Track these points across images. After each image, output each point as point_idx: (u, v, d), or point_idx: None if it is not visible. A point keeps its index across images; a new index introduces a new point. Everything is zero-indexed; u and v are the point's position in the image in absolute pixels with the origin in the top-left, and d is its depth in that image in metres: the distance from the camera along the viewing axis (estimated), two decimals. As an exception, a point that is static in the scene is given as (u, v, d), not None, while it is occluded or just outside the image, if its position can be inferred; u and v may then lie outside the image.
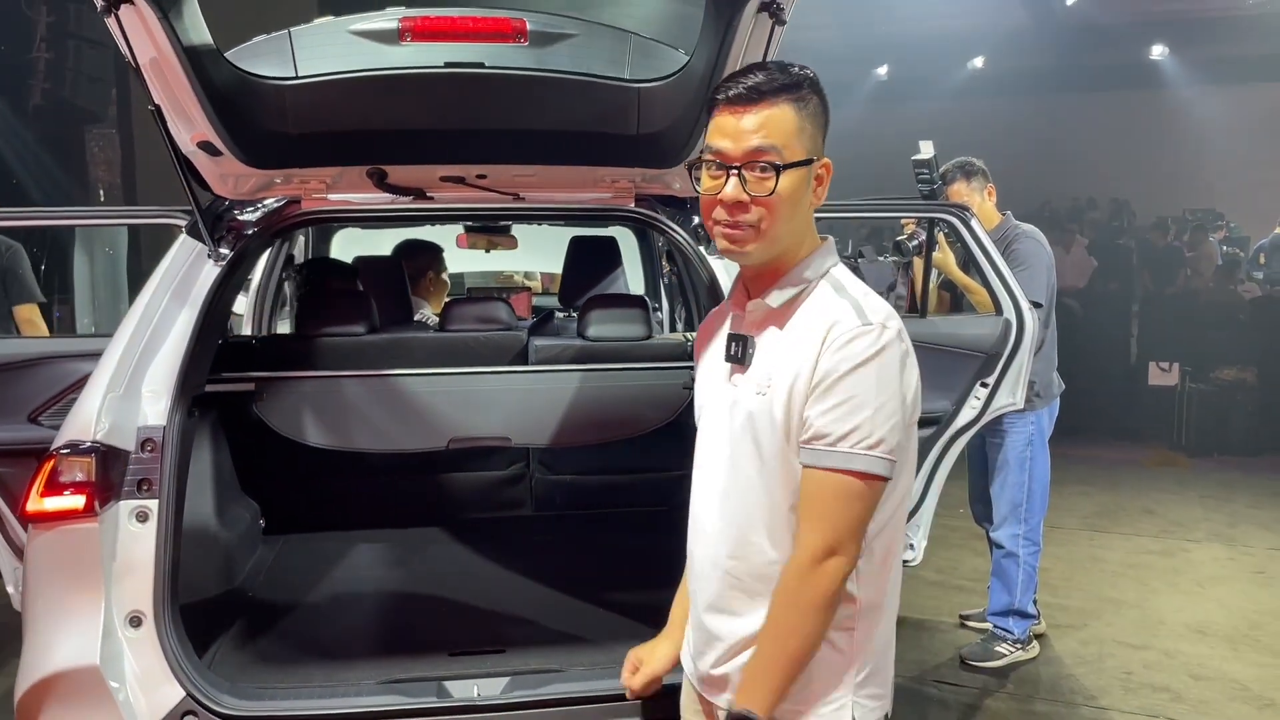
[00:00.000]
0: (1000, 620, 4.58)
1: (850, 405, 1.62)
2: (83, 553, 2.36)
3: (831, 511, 1.64)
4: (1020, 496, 4.52)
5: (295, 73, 2.66)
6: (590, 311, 3.36)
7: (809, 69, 1.76)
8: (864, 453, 1.61)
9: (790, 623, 1.66)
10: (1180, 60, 17.22)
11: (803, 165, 1.70)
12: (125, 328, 2.64)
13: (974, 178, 4.69)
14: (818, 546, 1.63)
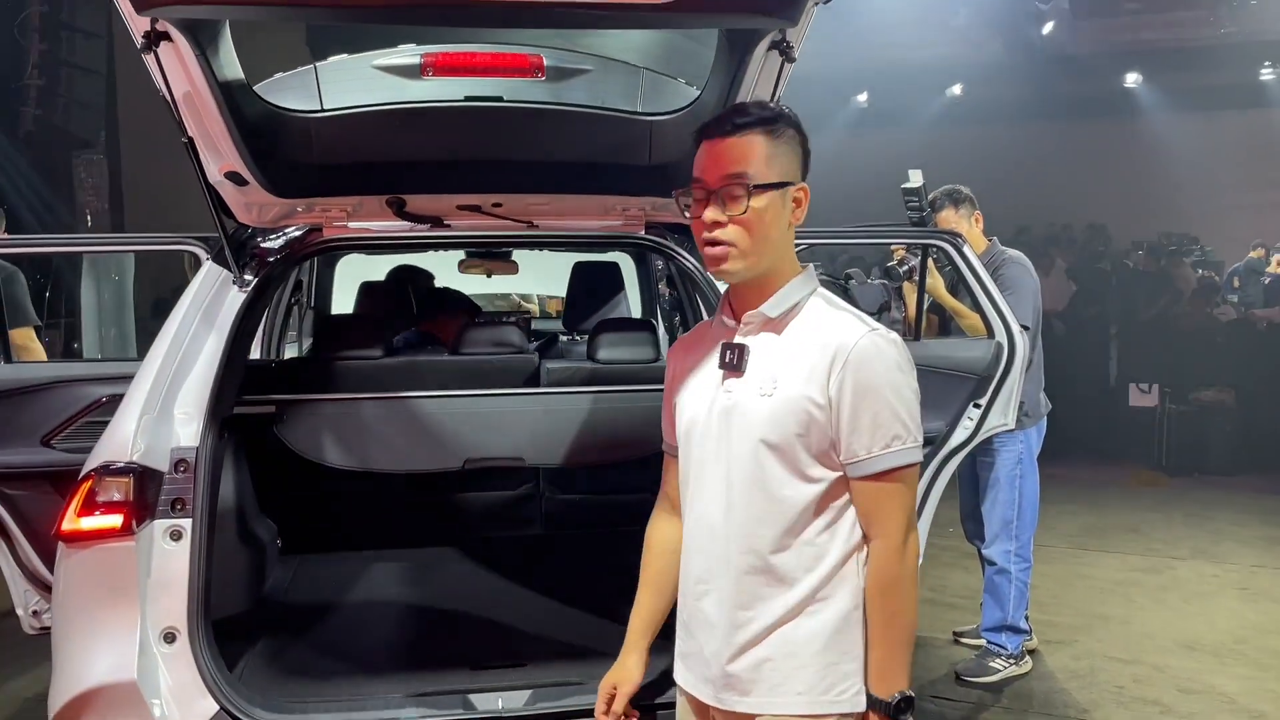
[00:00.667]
0: (994, 636, 4.67)
1: (889, 412, 1.81)
2: (119, 571, 2.43)
3: (896, 505, 1.84)
4: (1011, 514, 4.62)
5: (321, 106, 2.76)
6: (600, 335, 3.46)
7: (788, 108, 1.95)
8: (906, 448, 1.83)
9: (899, 603, 1.86)
10: (1154, 88, 17.52)
11: (774, 187, 1.87)
12: (156, 351, 2.71)
13: (962, 205, 4.81)
14: (899, 533, 1.84)
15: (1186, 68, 16.69)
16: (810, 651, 1.86)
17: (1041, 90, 17.75)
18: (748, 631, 1.89)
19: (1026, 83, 17.63)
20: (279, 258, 3.01)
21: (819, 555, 1.87)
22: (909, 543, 1.85)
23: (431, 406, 3.25)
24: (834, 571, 1.88)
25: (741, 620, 1.90)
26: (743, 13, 2.10)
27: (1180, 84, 17.11)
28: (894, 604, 1.85)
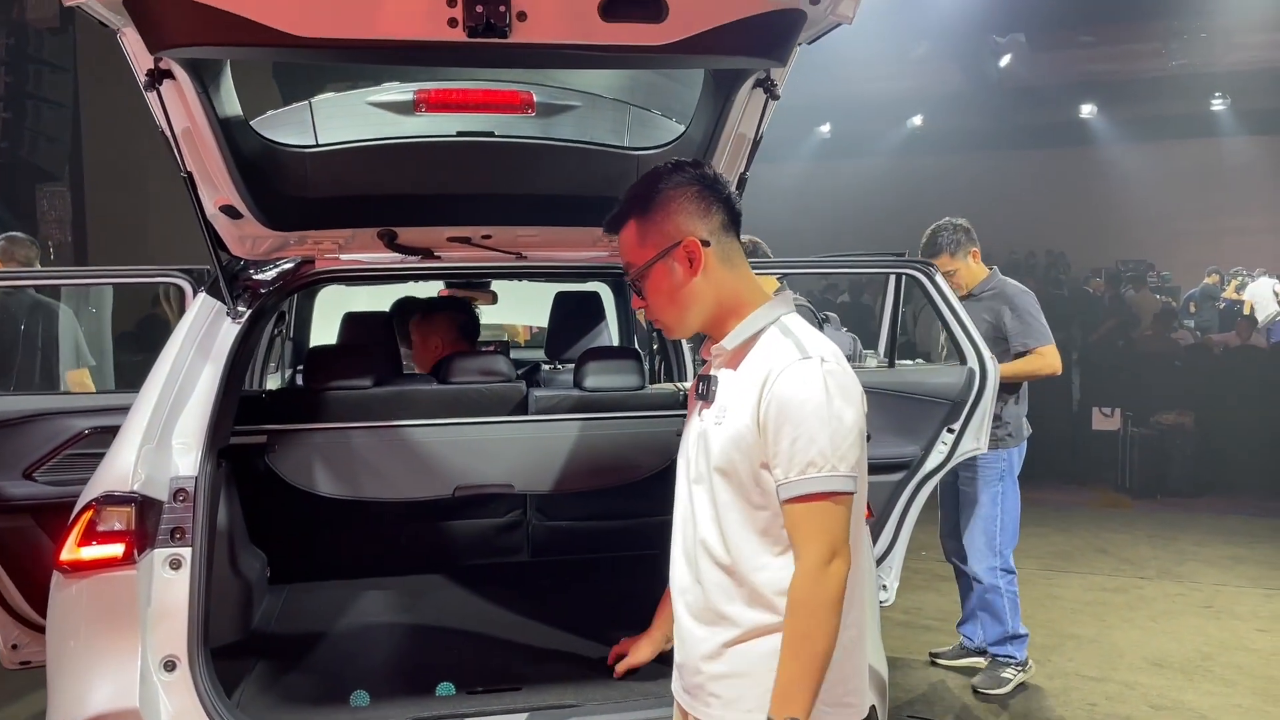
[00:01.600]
0: (999, 649, 4.81)
1: (807, 438, 1.83)
2: (121, 599, 2.45)
3: (811, 530, 1.84)
4: (994, 529, 4.75)
5: (316, 141, 2.82)
6: (587, 363, 3.52)
7: (648, 181, 2.03)
8: (822, 476, 1.83)
9: (810, 627, 1.83)
10: (1109, 119, 17.96)
11: (654, 263, 1.98)
12: (154, 382, 2.74)
13: (957, 252, 4.86)
14: (819, 555, 1.83)
15: (1140, 99, 17.13)
16: (764, 670, 1.88)
17: (1000, 121, 18.14)
18: (709, 645, 1.98)
19: (985, 113, 18.02)
20: (272, 289, 3.05)
21: (775, 578, 1.91)
22: (830, 569, 1.83)
23: (422, 435, 3.29)
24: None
25: (705, 635, 1.99)
26: (736, 54, 2.18)
27: (1134, 114, 17.56)
28: (801, 626, 1.84)
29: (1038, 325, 4.71)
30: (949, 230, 4.88)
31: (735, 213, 2.03)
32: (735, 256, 2.02)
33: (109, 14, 2.07)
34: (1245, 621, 5.76)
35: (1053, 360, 4.73)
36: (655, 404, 3.52)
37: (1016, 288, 4.84)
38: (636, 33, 2.02)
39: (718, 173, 2.05)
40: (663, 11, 2.01)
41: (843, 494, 1.84)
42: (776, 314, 2.00)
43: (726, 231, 2.01)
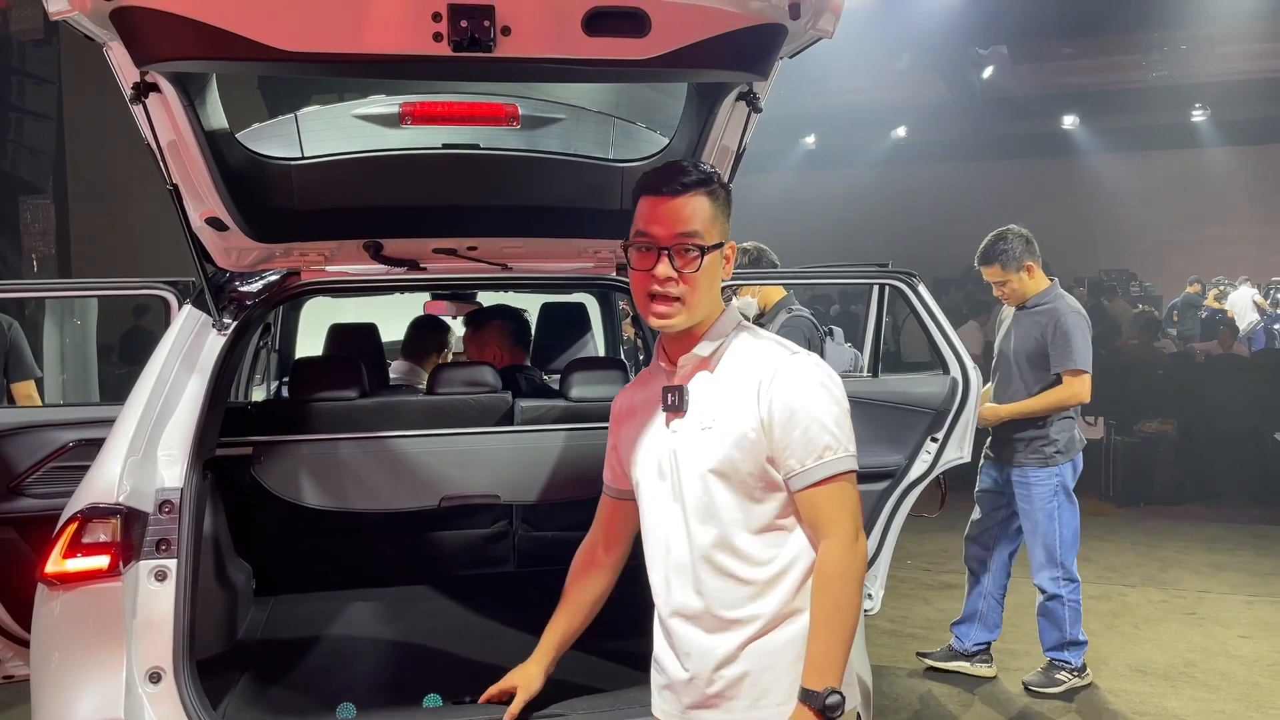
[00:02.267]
0: (1057, 654, 4.86)
1: (818, 426, 1.94)
2: (105, 612, 2.45)
3: (840, 506, 1.95)
4: (1054, 543, 4.77)
5: (301, 153, 2.83)
6: (573, 374, 3.53)
7: (715, 168, 2.10)
8: (839, 457, 1.95)
9: (841, 599, 1.93)
10: (1091, 129, 18.09)
11: (717, 248, 2.02)
12: (139, 394, 2.74)
13: (1009, 265, 4.81)
14: (846, 533, 1.94)
15: (1121, 110, 17.27)
16: (786, 662, 1.97)
17: (982, 132, 18.27)
18: (725, 649, 2.00)
19: (968, 124, 18.15)
20: (258, 301, 3.06)
21: (782, 571, 1.99)
22: (857, 544, 1.95)
23: (408, 446, 3.30)
24: (800, 584, 2.00)
25: (717, 642, 2.01)
26: (718, 68, 2.21)
27: (1115, 125, 17.70)
28: (832, 599, 1.93)
29: (1075, 349, 4.66)
30: (1006, 241, 4.83)
31: None
32: None
33: (95, 28, 2.08)
34: (1228, 628, 5.80)
35: (1079, 390, 4.68)
36: None
37: (1069, 306, 4.77)
38: (620, 47, 2.04)
39: None
40: (646, 26, 2.04)
41: (855, 472, 1.97)
42: (736, 320, 2.09)
43: None
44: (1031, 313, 4.80)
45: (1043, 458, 4.75)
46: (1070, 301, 4.82)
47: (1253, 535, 8.04)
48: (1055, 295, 4.82)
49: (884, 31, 13.04)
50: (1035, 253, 4.83)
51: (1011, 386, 4.85)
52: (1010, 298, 4.90)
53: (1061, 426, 4.76)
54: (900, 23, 13.16)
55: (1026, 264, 4.79)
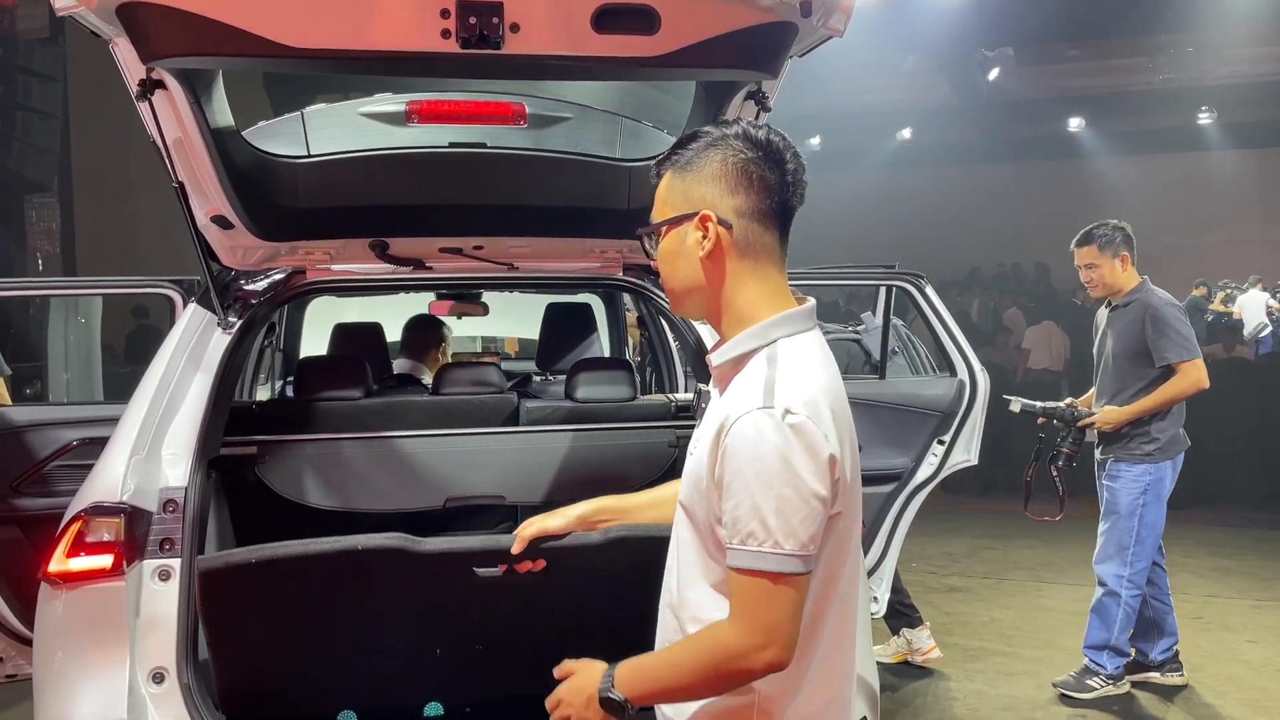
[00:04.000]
0: (1095, 654, 4.72)
1: (751, 504, 1.54)
2: (109, 611, 2.43)
3: (750, 609, 1.56)
4: (1128, 540, 4.64)
5: (307, 151, 2.82)
6: (579, 374, 3.52)
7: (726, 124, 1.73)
8: (760, 551, 1.53)
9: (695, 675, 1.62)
10: (1097, 132, 18.03)
11: (670, 223, 1.70)
12: (144, 392, 2.73)
13: (1106, 248, 4.67)
14: (745, 638, 1.56)
15: (1127, 112, 17.23)
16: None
17: (988, 134, 18.23)
18: None
19: (974, 127, 18.11)
20: (263, 300, 3.05)
21: None
22: (751, 658, 1.56)
23: (413, 446, 3.28)
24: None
25: None
26: (728, 67, 2.20)
27: (1121, 128, 17.64)
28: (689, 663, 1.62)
29: (1179, 338, 4.52)
30: (1108, 226, 4.70)
31: (784, 200, 1.69)
32: (763, 252, 1.68)
33: (101, 24, 2.07)
34: (1235, 633, 5.78)
35: (1195, 376, 4.55)
36: (647, 415, 3.52)
37: (1161, 298, 4.63)
38: (629, 44, 2.03)
39: (789, 152, 1.70)
40: (655, 24, 2.03)
41: (784, 575, 1.53)
42: (773, 336, 1.66)
43: (762, 220, 1.67)
44: (1124, 310, 4.66)
45: (1140, 454, 4.63)
46: (1162, 294, 4.68)
47: (1258, 540, 8.02)
48: (1146, 290, 4.67)
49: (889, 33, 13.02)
50: (1133, 248, 4.70)
51: (1116, 387, 4.70)
52: (1096, 286, 4.74)
53: (1165, 424, 4.64)
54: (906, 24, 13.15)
55: (1123, 253, 4.65)
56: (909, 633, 5.15)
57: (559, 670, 1.83)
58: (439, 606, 2.55)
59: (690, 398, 3.73)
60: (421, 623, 2.61)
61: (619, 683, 1.68)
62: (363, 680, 2.69)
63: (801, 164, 1.70)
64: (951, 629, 5.79)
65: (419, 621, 2.61)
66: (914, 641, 5.14)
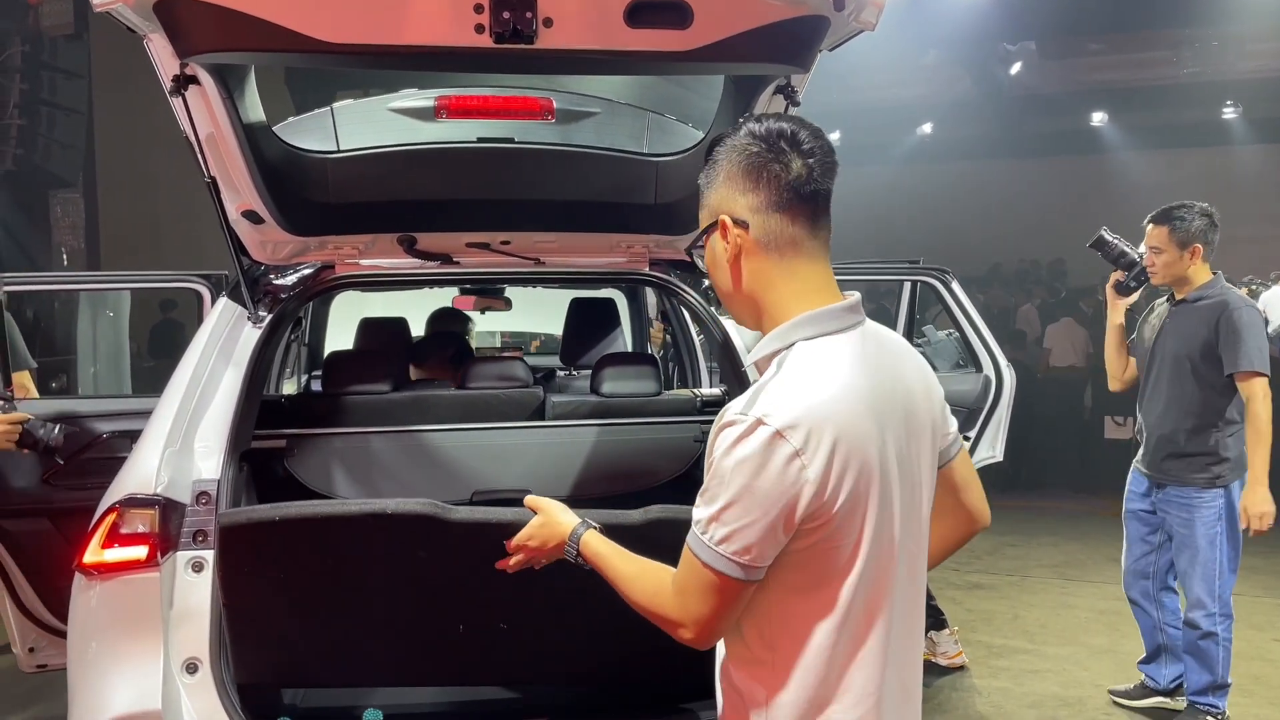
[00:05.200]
0: (1201, 699, 4.32)
1: (710, 494, 1.53)
2: (143, 602, 2.46)
3: (685, 589, 1.58)
4: (1213, 574, 4.21)
5: (337, 147, 2.84)
6: (604, 369, 3.52)
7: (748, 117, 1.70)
8: (714, 546, 1.52)
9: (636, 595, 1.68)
10: (1119, 127, 17.89)
11: (703, 234, 1.68)
12: (176, 386, 2.76)
13: (1178, 231, 4.24)
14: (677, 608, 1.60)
15: (1151, 107, 17.09)
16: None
17: (1010, 128, 18.11)
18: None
19: (995, 121, 18.00)
20: (293, 294, 3.07)
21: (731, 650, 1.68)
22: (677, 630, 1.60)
23: (440, 440, 3.30)
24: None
25: None
26: (759, 60, 2.20)
27: (1145, 122, 17.50)
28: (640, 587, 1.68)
29: (1248, 348, 4.06)
30: (1190, 209, 4.26)
31: (798, 188, 1.60)
32: (789, 246, 1.61)
33: (138, 19, 2.09)
34: (1262, 631, 5.73)
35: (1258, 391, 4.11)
36: (672, 410, 3.53)
37: (1239, 299, 4.18)
38: (661, 39, 2.03)
39: (805, 132, 1.62)
40: (688, 18, 2.03)
41: (717, 571, 1.52)
42: (791, 339, 1.60)
43: (780, 211, 1.60)
44: (1195, 307, 4.20)
45: (1211, 476, 4.16)
46: (1238, 294, 4.23)
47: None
48: (1221, 288, 4.23)
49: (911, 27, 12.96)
50: (1209, 239, 4.24)
51: (1174, 393, 4.25)
52: (1159, 272, 4.27)
53: (1233, 440, 4.19)
54: (927, 18, 13.07)
55: (1195, 245, 4.20)
56: (935, 635, 5.12)
57: (527, 501, 1.97)
58: (465, 580, 2.54)
59: (716, 393, 3.73)
60: (446, 596, 2.61)
61: (585, 555, 1.82)
62: (382, 656, 2.69)
63: (821, 144, 1.62)
64: (975, 626, 5.77)
65: (443, 595, 2.61)
66: (940, 644, 5.11)
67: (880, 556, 1.58)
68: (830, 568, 1.55)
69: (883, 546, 1.58)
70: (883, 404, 1.58)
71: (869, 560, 1.56)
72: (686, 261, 3.36)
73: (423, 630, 2.68)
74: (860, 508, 1.54)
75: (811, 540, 1.53)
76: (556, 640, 2.74)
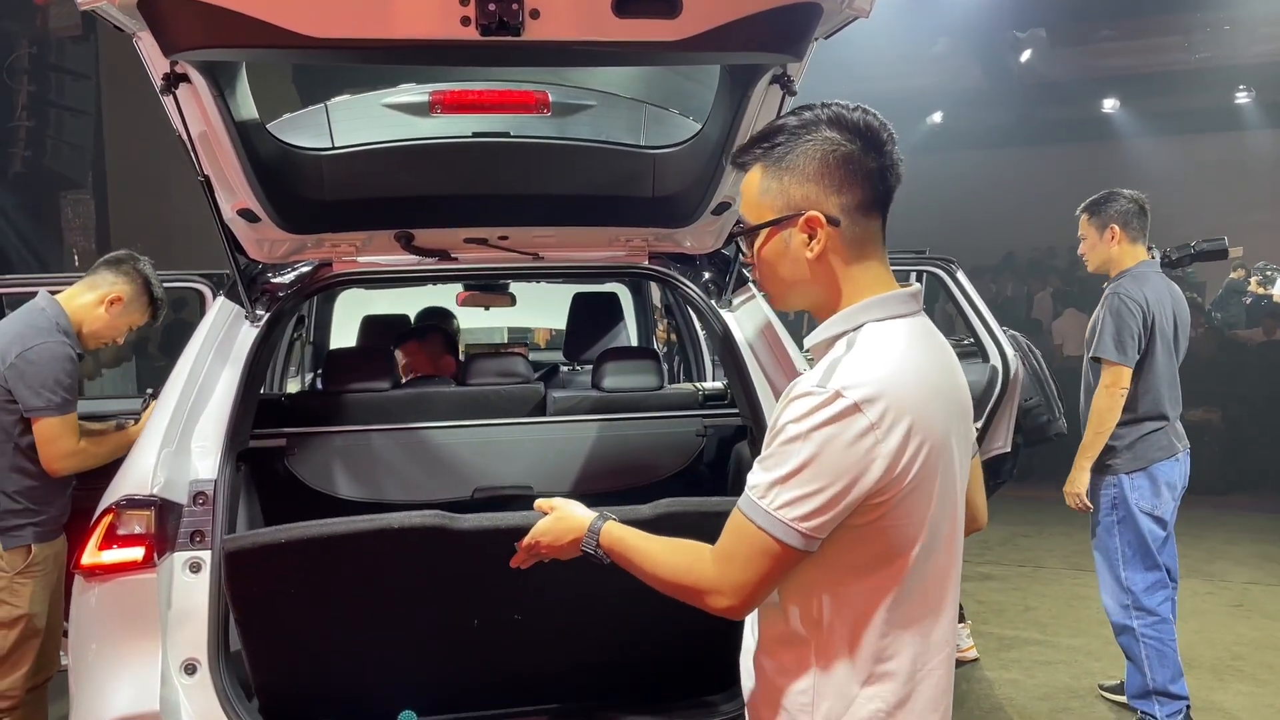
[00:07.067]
0: (1141, 704, 4.20)
1: (773, 460, 1.52)
2: (140, 603, 2.46)
3: (732, 555, 1.57)
4: (1116, 561, 4.20)
5: (332, 143, 2.83)
6: (605, 364, 3.50)
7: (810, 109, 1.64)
8: (773, 511, 1.51)
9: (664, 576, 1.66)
10: (1131, 113, 17.77)
11: (769, 226, 1.63)
12: (174, 386, 2.75)
13: (1096, 215, 4.23)
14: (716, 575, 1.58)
15: (1163, 93, 16.95)
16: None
17: (1021, 117, 18.00)
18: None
19: (1006, 109, 17.88)
20: (290, 292, 3.06)
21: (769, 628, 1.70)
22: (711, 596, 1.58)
23: (441, 437, 3.29)
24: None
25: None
26: (751, 50, 2.17)
27: (1157, 109, 17.37)
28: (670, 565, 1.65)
29: (1104, 334, 4.03)
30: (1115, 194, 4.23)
31: (887, 187, 1.63)
32: (868, 242, 1.62)
33: (123, 18, 2.08)
34: (1277, 620, 5.68)
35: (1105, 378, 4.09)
36: (674, 404, 3.50)
37: (1130, 286, 4.05)
38: (650, 29, 2.01)
39: (885, 131, 1.63)
40: (676, 7, 2.00)
41: (780, 543, 1.51)
42: (860, 320, 1.60)
43: (867, 211, 1.61)
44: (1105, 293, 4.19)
45: (1101, 464, 4.19)
46: (1158, 281, 4.12)
47: (1300, 525, 7.89)
48: (1134, 274, 4.11)
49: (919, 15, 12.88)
50: (1131, 223, 4.15)
51: (1086, 379, 4.32)
52: (1088, 257, 4.29)
53: (1133, 428, 4.15)
54: (935, 6, 13.00)
55: (1111, 226, 4.14)
56: None
57: (538, 504, 1.93)
58: (480, 586, 2.54)
59: (719, 386, 3.71)
60: (459, 603, 2.60)
61: (605, 545, 1.76)
62: (401, 667, 2.69)
63: (896, 142, 1.64)
64: (986, 617, 5.74)
65: (456, 602, 2.60)
66: None
67: (940, 538, 1.59)
68: (891, 547, 1.55)
69: (943, 528, 1.60)
70: (944, 390, 1.61)
71: (929, 542, 1.57)
72: (686, 255, 3.33)
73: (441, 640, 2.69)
74: (925, 489, 1.54)
75: (873, 517, 1.52)
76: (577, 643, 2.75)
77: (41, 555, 3.23)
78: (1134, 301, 4.02)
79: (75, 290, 3.41)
